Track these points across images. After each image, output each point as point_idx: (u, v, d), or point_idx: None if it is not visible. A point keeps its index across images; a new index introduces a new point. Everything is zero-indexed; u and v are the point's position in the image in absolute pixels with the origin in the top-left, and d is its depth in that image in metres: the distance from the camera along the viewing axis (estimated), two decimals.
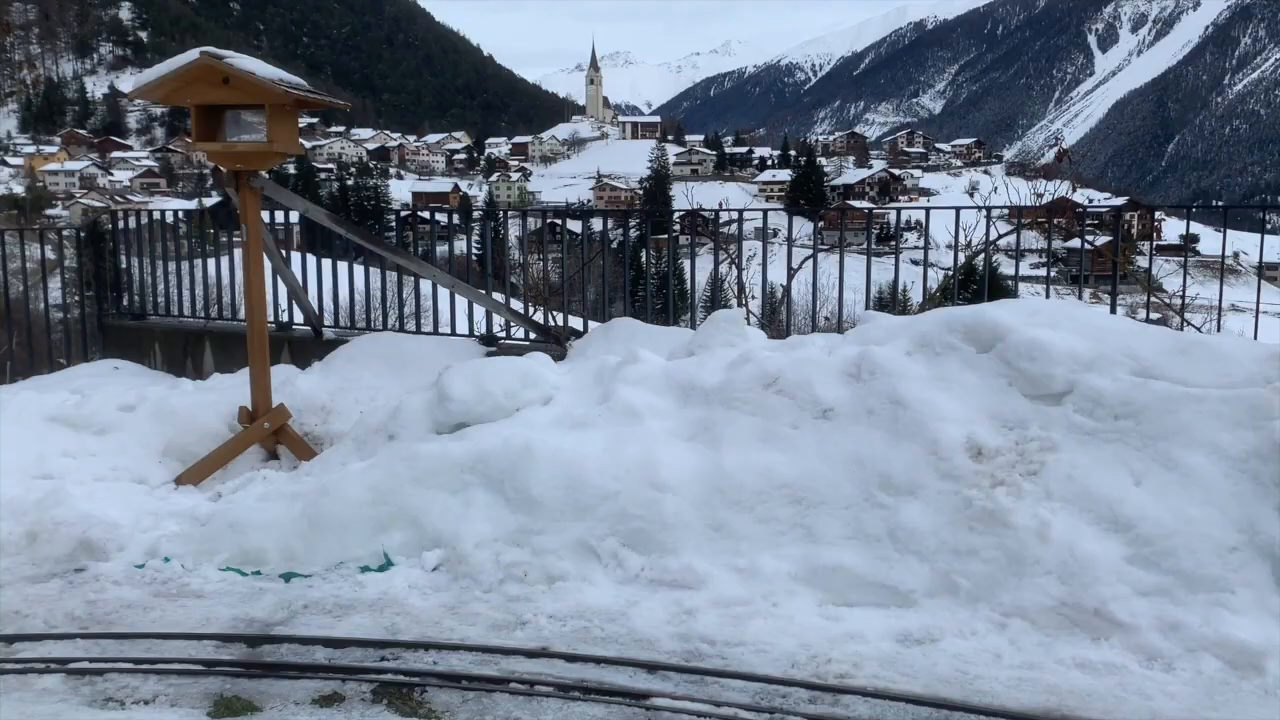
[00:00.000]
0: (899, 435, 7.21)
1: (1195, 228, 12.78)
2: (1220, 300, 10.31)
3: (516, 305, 12.31)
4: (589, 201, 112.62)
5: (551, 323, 11.97)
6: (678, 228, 16.43)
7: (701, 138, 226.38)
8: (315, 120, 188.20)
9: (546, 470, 7.55)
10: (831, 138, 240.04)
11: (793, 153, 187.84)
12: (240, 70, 8.63)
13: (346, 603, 7.14)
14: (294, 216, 12.64)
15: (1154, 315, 11.98)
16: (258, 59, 9.23)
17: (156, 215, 14.04)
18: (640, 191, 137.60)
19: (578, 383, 9.37)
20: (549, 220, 14.85)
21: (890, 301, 14.13)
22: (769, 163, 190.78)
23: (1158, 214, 17.58)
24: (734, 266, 14.19)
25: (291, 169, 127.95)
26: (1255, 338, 9.55)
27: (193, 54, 8.82)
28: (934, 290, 13.35)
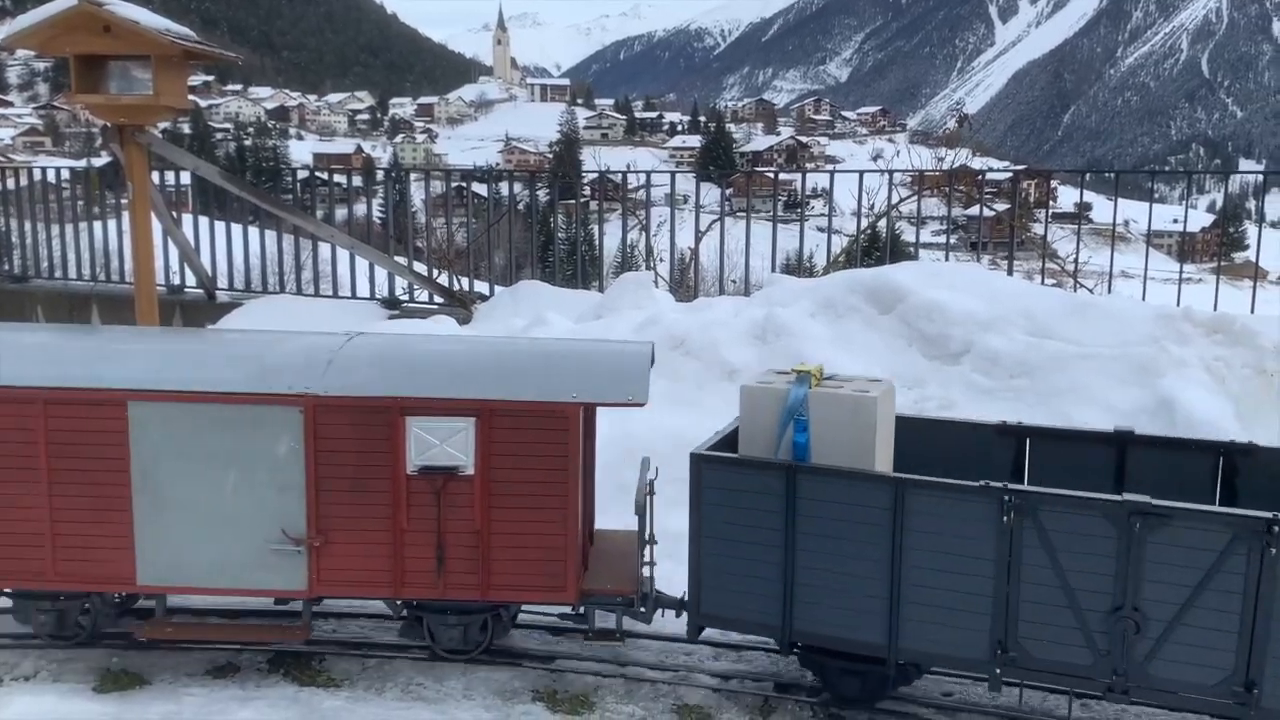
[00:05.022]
0: None
1: (1089, 196, 13.15)
2: (1111, 265, 10.64)
3: (421, 269, 12.08)
4: (497, 164, 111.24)
5: (457, 286, 11.78)
6: (587, 192, 16.28)
7: (611, 102, 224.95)
8: (210, 78, 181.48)
9: None
10: (740, 104, 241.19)
11: (702, 119, 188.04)
12: (122, 18, 8.21)
13: None
14: (187, 178, 12.18)
15: (1049, 281, 12.29)
16: (143, 8, 8.80)
17: (39, 175, 13.44)
18: (550, 155, 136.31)
19: None
20: (455, 183, 14.57)
21: (796, 266, 14.25)
22: (679, 128, 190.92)
23: (1053, 180, 18.06)
24: (643, 231, 14.14)
25: (186, 128, 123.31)
26: (1144, 300, 9.88)
27: None
28: (838, 254, 13.50)
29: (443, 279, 11.85)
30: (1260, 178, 15.80)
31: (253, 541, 5.60)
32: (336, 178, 13.84)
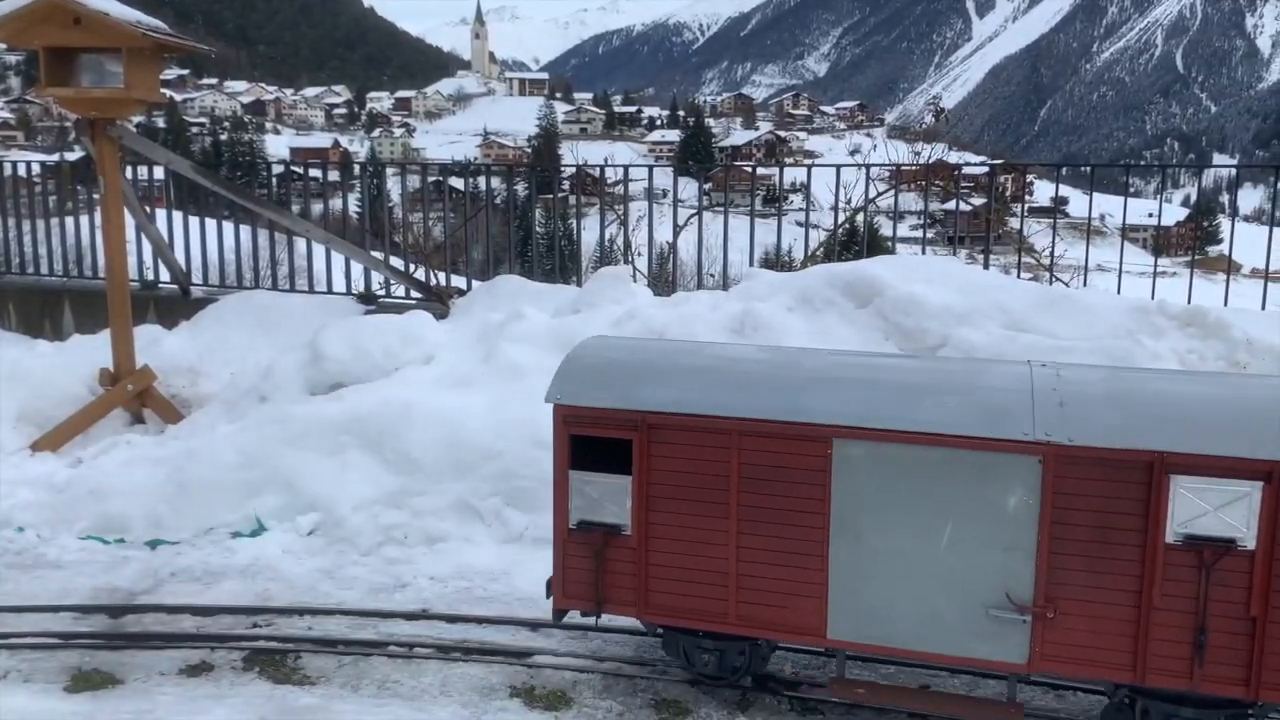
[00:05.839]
0: None
1: (1065, 190, 13.22)
2: (1087, 258, 10.71)
3: (398, 263, 12.01)
4: (475, 159, 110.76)
5: (434, 281, 11.72)
6: (566, 186, 16.26)
7: (590, 96, 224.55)
8: (185, 72, 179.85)
9: (427, 430, 7.40)
10: (719, 99, 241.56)
11: (681, 113, 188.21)
12: (93, 10, 8.13)
13: (216, 569, 6.90)
14: (161, 172, 12.09)
15: (1026, 275, 12.35)
16: (115, 0, 8.72)
17: (10, 170, 13.30)
18: (529, 149, 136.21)
19: (460, 341, 9.20)
20: (433, 178, 14.50)
21: (775, 260, 14.26)
22: (658, 123, 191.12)
23: (1029, 174, 18.20)
24: (621, 225, 14.12)
25: (161, 122, 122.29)
26: (1119, 293, 9.94)
27: None
28: (815, 248, 13.53)
29: (419, 274, 11.79)
30: (1233, 172, 15.87)
31: (966, 604, 4.93)
32: (313, 172, 13.73)
